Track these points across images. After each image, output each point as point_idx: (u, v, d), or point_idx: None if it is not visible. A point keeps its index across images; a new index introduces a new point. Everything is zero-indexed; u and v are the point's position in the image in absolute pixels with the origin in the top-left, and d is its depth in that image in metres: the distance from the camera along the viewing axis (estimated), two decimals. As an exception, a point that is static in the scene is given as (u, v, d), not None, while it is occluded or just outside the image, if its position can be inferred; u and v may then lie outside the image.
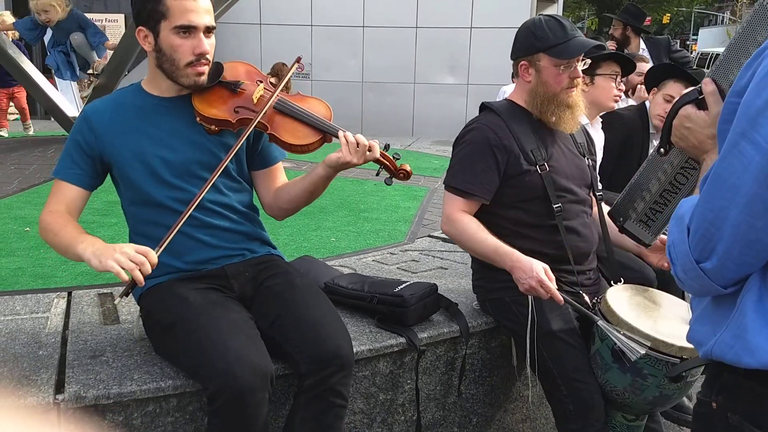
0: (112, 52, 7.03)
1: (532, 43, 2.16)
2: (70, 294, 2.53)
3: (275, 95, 1.98)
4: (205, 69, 1.94)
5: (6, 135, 7.68)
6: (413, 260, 3.12)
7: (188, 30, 1.87)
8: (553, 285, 2.02)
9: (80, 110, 6.96)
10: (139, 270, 1.67)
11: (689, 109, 1.31)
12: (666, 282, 2.66)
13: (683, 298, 2.43)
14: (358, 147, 1.93)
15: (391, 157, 2.03)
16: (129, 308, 2.38)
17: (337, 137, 1.98)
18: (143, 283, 1.71)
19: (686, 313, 2.13)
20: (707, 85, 1.29)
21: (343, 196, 4.63)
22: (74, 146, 1.96)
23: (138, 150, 1.94)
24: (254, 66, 2.12)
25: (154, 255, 1.73)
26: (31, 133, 7.76)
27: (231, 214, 2.03)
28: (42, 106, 8.86)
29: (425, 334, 2.24)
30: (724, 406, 1.16)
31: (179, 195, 1.95)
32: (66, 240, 1.83)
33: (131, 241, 2.03)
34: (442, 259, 3.15)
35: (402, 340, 2.18)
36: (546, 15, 2.20)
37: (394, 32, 12.47)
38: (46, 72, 8.37)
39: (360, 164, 1.96)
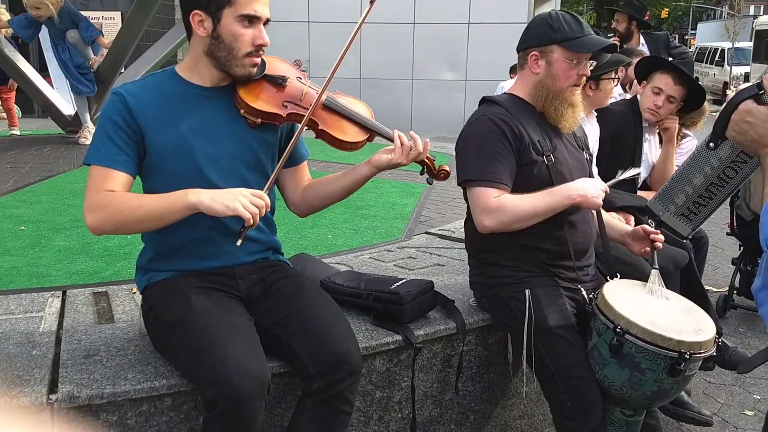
0: (107, 50, 6.99)
1: (548, 33, 2.14)
2: (64, 293, 2.51)
3: (323, 91, 1.95)
4: (259, 61, 1.89)
5: (18, 133, 7.69)
6: (410, 257, 3.11)
7: (252, 20, 1.82)
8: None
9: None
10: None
11: (750, 104, 1.34)
12: (663, 276, 2.65)
13: (679, 292, 2.42)
14: (411, 148, 1.93)
15: (431, 158, 2.04)
16: (124, 307, 2.37)
17: (386, 138, 1.98)
18: (257, 226, 1.75)
19: (683, 307, 2.12)
20: None
21: (340, 193, 4.61)
22: (115, 129, 1.82)
23: (183, 142, 1.85)
24: (290, 63, 2.09)
25: (267, 198, 1.77)
26: (17, 133, 7.67)
27: (260, 222, 1.91)
28: (38, 105, 8.83)
29: (422, 331, 2.23)
30: None
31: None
32: (159, 203, 1.76)
33: (151, 237, 1.95)
34: (439, 255, 3.14)
35: (398, 337, 2.17)
36: (563, 10, 2.20)
37: (392, 28, 12.46)
38: (42, 70, 8.35)
39: (407, 165, 1.96)
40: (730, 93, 1.42)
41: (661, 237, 2.23)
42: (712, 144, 1.50)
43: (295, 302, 1.90)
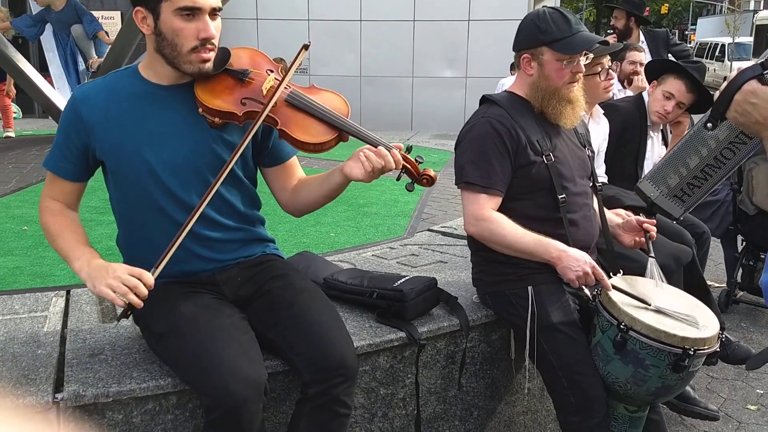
0: (109, 47, 6.99)
1: (536, 35, 2.14)
2: (68, 293, 2.52)
3: (282, 84, 1.78)
4: (211, 55, 1.75)
5: (13, 135, 7.65)
6: (413, 254, 3.12)
7: (192, 11, 1.69)
8: (603, 273, 2.05)
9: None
10: (134, 293, 1.63)
11: (755, 84, 1.28)
12: (666, 273, 2.65)
13: (682, 288, 2.43)
14: (376, 171, 1.76)
15: (414, 161, 1.85)
16: (128, 306, 2.37)
17: (361, 140, 1.82)
18: (141, 305, 1.65)
19: (687, 303, 2.13)
20: None
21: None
22: (64, 137, 1.85)
23: (134, 148, 1.79)
24: (264, 54, 1.93)
25: (148, 276, 1.67)
26: (12, 135, 7.63)
27: (230, 221, 1.90)
28: (39, 104, 8.83)
29: (425, 328, 2.23)
30: None
31: (177, 199, 1.83)
32: (63, 250, 1.83)
33: (121, 244, 1.96)
34: (441, 252, 3.14)
35: (402, 334, 2.17)
36: (550, 7, 2.16)
37: (392, 26, 12.44)
38: (43, 70, 8.34)
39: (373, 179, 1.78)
40: (732, 73, 1.37)
41: (654, 228, 2.23)
42: (710, 124, 1.43)
43: (288, 307, 1.85)
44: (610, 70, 2.78)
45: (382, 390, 2.21)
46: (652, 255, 2.17)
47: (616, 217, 2.38)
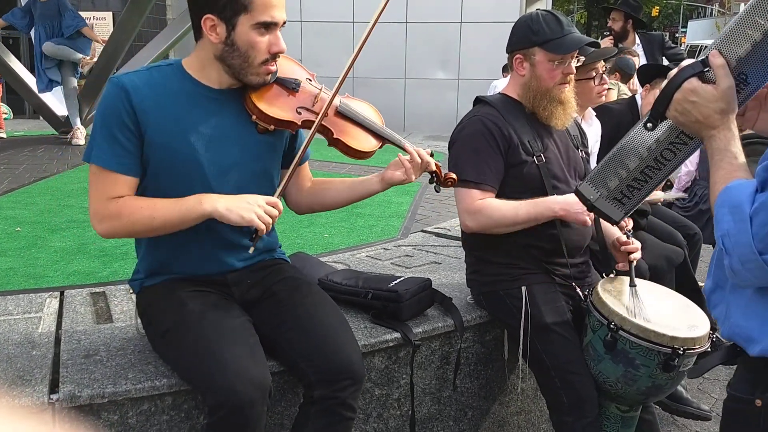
0: (101, 47, 6.94)
1: (528, 36, 2.17)
2: (62, 294, 2.51)
3: (334, 96, 1.84)
4: (275, 68, 1.78)
5: (5, 136, 7.61)
6: (407, 255, 3.13)
7: (269, 26, 1.70)
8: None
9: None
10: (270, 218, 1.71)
11: (694, 82, 1.25)
12: (658, 274, 2.68)
13: (674, 289, 2.45)
14: (419, 165, 1.89)
15: (439, 164, 1.99)
16: (122, 307, 2.37)
17: (397, 146, 1.95)
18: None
19: (677, 303, 2.15)
20: (716, 58, 1.23)
21: (335, 192, 4.62)
22: (119, 127, 1.70)
23: (190, 151, 1.74)
24: (297, 61, 1.96)
25: (281, 204, 1.75)
26: (4, 136, 7.60)
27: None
28: (30, 105, 8.80)
29: (420, 328, 2.25)
30: None
31: None
32: (174, 212, 1.70)
33: (141, 249, 1.92)
34: (435, 253, 3.16)
35: (397, 335, 2.19)
36: (544, 10, 2.20)
37: (384, 28, 12.42)
38: (34, 70, 8.29)
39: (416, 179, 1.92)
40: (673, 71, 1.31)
41: (637, 248, 2.21)
42: (650, 124, 1.40)
43: (294, 308, 1.86)
44: (603, 75, 2.79)
45: (377, 390, 2.21)
46: (634, 284, 2.12)
47: (619, 233, 2.31)
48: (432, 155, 1.96)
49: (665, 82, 1.32)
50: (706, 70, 1.25)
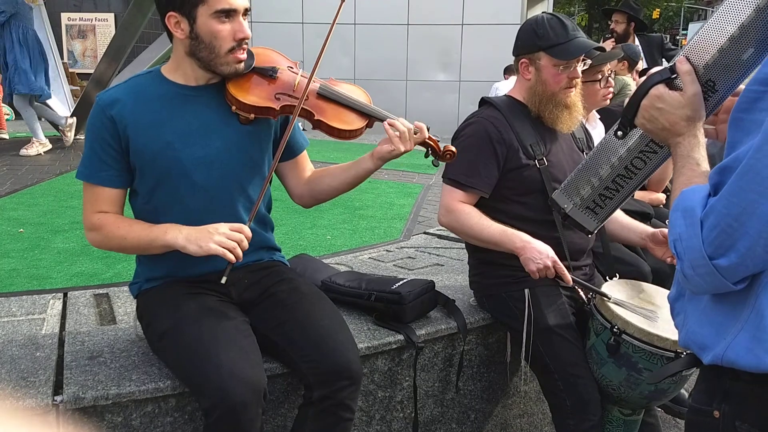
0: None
1: (534, 41, 2.17)
2: (65, 295, 2.52)
3: (311, 77, 1.87)
4: (245, 56, 1.82)
5: (7, 137, 7.60)
6: (409, 257, 3.13)
7: (228, 14, 1.74)
8: (564, 269, 2.06)
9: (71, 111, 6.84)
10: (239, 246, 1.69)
11: (661, 89, 1.23)
12: (661, 277, 2.67)
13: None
14: (407, 134, 1.85)
15: (435, 139, 1.96)
16: (125, 308, 2.37)
17: (378, 120, 1.93)
18: (241, 259, 1.71)
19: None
20: (682, 64, 1.22)
21: (337, 194, 4.62)
22: (99, 143, 1.80)
23: (167, 147, 1.80)
24: (279, 52, 1.99)
25: (248, 230, 1.73)
26: (6, 137, 7.57)
27: (252, 223, 1.90)
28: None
29: (423, 330, 2.25)
30: (730, 414, 1.10)
31: (208, 199, 1.85)
32: (143, 237, 1.78)
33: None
34: (438, 255, 3.16)
35: (400, 337, 2.19)
36: (550, 14, 2.20)
37: (386, 29, 12.47)
38: (36, 72, 8.28)
39: (410, 150, 1.88)
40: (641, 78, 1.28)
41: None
42: (620, 132, 1.37)
43: (293, 309, 1.86)
44: (609, 78, 2.79)
45: (380, 393, 2.21)
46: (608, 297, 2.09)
47: (647, 227, 2.33)
48: (429, 129, 1.92)
49: (635, 89, 1.30)
50: (673, 76, 1.23)
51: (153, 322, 1.87)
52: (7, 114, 8.93)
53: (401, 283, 2.28)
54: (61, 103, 7.59)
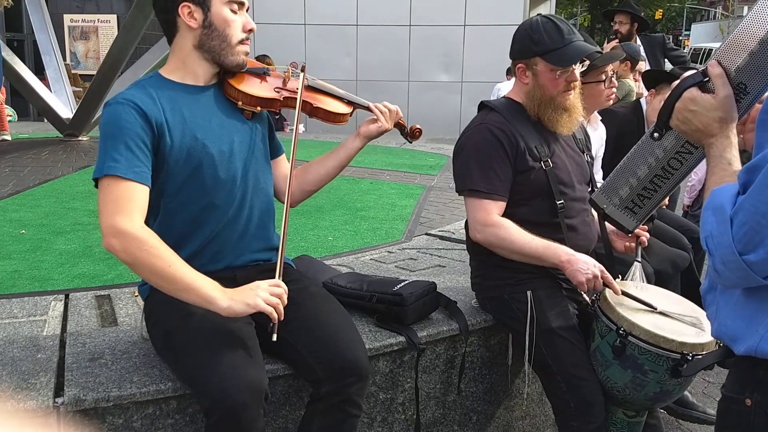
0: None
1: (529, 46, 2.15)
2: (67, 297, 2.52)
3: (304, 73, 2.06)
4: (248, 49, 1.94)
5: (9, 138, 7.60)
6: (411, 258, 3.12)
7: (239, 5, 1.86)
8: (610, 277, 2.07)
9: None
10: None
11: (694, 92, 1.29)
12: (663, 278, 2.67)
13: (681, 294, 2.44)
14: (389, 113, 2.11)
15: (403, 121, 2.23)
16: (127, 310, 2.37)
17: (367, 109, 2.14)
18: (283, 318, 1.69)
19: (685, 308, 2.14)
20: (714, 68, 1.27)
21: (339, 195, 4.63)
22: (133, 138, 1.73)
23: (197, 143, 1.84)
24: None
25: (284, 285, 1.74)
26: (8, 138, 7.58)
27: (263, 216, 1.99)
28: (35, 107, 8.83)
29: (424, 332, 2.24)
30: (762, 403, 1.15)
31: (230, 192, 1.89)
32: (185, 279, 1.67)
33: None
34: (440, 257, 3.15)
35: (401, 338, 2.18)
36: (544, 16, 2.17)
37: (388, 30, 12.48)
38: (38, 73, 8.33)
39: (390, 129, 2.13)
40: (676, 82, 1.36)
41: (646, 234, 2.26)
42: (656, 134, 1.44)
43: (301, 307, 1.88)
44: (612, 79, 2.78)
45: (382, 395, 2.21)
46: (638, 259, 2.17)
47: None
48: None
49: (670, 92, 1.35)
50: (705, 80, 1.28)
51: (159, 322, 1.87)
52: (10, 115, 8.94)
53: (403, 284, 2.27)
54: (64, 105, 7.59)
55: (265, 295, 1.67)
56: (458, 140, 2.29)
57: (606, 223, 2.03)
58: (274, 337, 1.70)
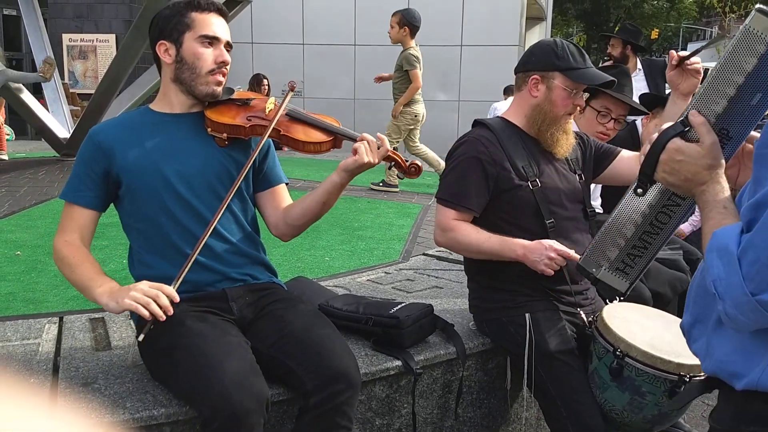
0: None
1: (552, 60, 2.18)
2: (61, 319, 2.49)
3: (285, 101, 2.04)
4: (224, 79, 2.00)
5: (6, 158, 7.59)
6: (408, 279, 3.11)
7: (212, 41, 1.95)
8: (565, 248, 2.07)
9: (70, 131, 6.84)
10: (156, 303, 1.71)
11: (678, 142, 1.27)
12: (662, 300, 2.66)
13: (678, 315, 2.43)
14: (370, 146, 1.96)
15: (400, 156, 2.07)
16: (120, 333, 2.35)
17: (351, 140, 2.03)
18: (163, 317, 1.72)
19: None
20: (695, 117, 1.27)
21: (336, 215, 4.62)
22: (82, 166, 1.95)
23: (151, 161, 1.94)
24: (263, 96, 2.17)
25: (170, 288, 1.77)
26: (5, 157, 7.58)
27: (235, 236, 2.02)
28: (32, 127, 8.83)
29: (421, 356, 2.22)
30: None
31: (191, 208, 1.95)
32: (83, 279, 1.87)
33: (134, 262, 2.03)
34: (437, 278, 3.14)
35: (398, 362, 2.16)
36: (567, 40, 2.24)
37: (386, 50, 12.54)
38: (36, 92, 8.35)
39: (377, 163, 1.97)
40: (654, 134, 1.33)
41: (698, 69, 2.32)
42: (640, 190, 1.40)
43: (290, 323, 1.90)
44: (616, 125, 2.88)
45: (378, 420, 2.18)
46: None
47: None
48: (396, 149, 2.02)
49: (646, 146, 1.33)
50: (686, 129, 1.28)
51: (156, 340, 1.85)
52: (8, 134, 8.95)
53: (399, 307, 2.26)
54: (61, 124, 7.60)
55: (137, 295, 1.73)
56: (449, 150, 2.33)
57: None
58: (141, 337, 1.78)
